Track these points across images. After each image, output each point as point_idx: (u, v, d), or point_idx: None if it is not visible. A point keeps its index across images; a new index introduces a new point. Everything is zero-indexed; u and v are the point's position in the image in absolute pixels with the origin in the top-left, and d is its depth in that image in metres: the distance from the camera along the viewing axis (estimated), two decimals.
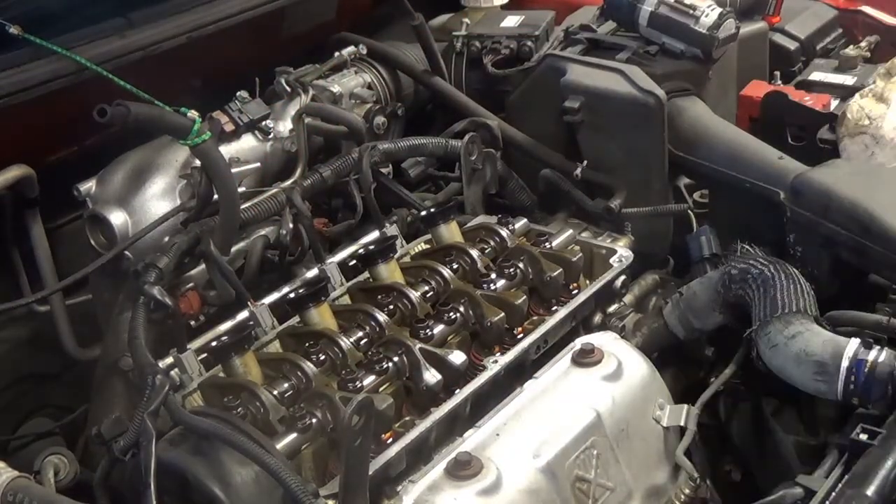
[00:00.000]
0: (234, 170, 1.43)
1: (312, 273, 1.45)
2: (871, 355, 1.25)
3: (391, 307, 1.36)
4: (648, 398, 1.31)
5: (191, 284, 1.39)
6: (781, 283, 1.36)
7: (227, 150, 1.53)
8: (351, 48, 1.83)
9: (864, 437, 1.20)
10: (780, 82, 1.90)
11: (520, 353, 1.33)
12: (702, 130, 1.70)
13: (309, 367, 1.23)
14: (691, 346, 1.55)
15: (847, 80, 1.85)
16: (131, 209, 1.43)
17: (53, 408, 1.55)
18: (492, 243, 1.49)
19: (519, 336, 1.38)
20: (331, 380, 1.24)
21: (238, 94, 1.59)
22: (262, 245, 1.46)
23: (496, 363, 1.30)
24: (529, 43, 1.91)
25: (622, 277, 1.51)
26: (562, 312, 1.41)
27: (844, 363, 1.26)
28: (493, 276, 1.42)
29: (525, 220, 1.58)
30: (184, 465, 1.07)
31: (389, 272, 1.41)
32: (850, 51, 1.94)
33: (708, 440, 1.46)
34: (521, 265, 1.44)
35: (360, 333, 1.31)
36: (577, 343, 1.33)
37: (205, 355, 1.28)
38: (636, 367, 1.32)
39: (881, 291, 1.48)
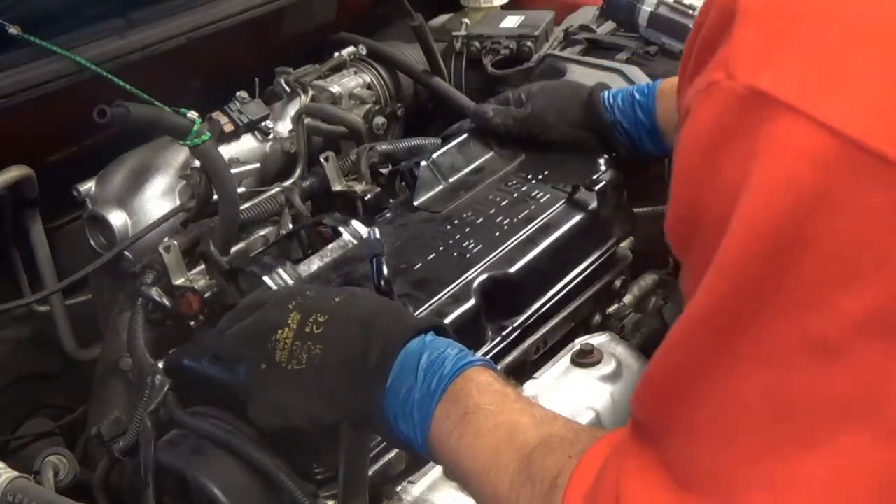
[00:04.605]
0: (233, 170, 1.43)
1: None
2: None
3: None
4: None
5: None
6: None
7: (227, 150, 1.53)
8: (351, 48, 1.83)
9: None
10: None
11: (520, 354, 1.33)
12: None
13: None
14: None
15: None
16: (131, 209, 1.43)
17: (53, 408, 1.54)
18: None
19: None
20: None
21: (238, 94, 1.59)
22: (262, 245, 1.46)
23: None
24: (529, 43, 1.91)
25: (622, 277, 1.52)
26: (562, 313, 1.41)
27: None
28: None
29: None
30: (183, 465, 1.07)
31: None
32: None
33: None
34: None
35: None
36: (577, 343, 1.33)
37: None
38: (636, 367, 1.32)
39: None
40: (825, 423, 0.64)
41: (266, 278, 1.24)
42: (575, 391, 1.27)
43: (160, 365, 1.19)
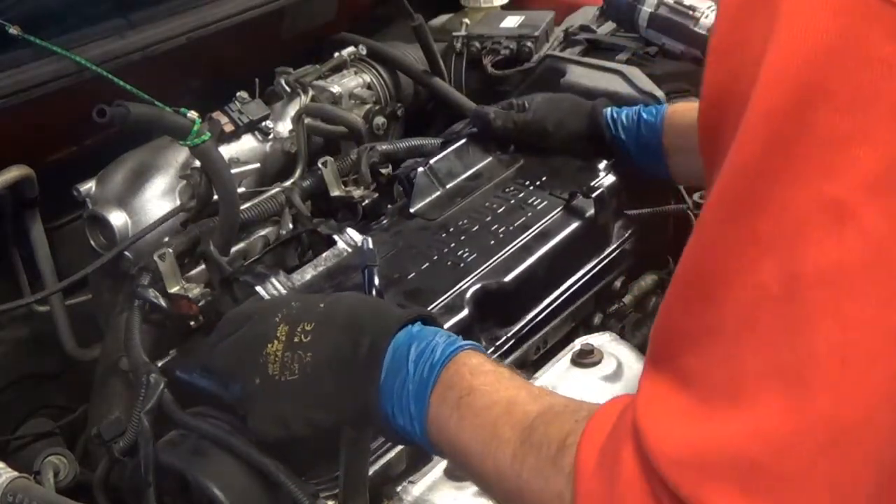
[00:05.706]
0: (233, 170, 1.43)
1: None
2: None
3: None
4: None
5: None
6: None
7: (227, 150, 1.53)
8: (351, 48, 1.83)
9: None
10: None
11: (520, 354, 1.33)
12: None
13: None
14: None
15: None
16: (131, 210, 1.43)
17: (53, 408, 1.54)
18: None
19: None
20: None
21: (238, 94, 1.59)
22: (262, 245, 1.46)
23: None
24: (529, 43, 1.91)
25: (622, 277, 1.52)
26: (561, 314, 1.41)
27: None
28: None
29: None
30: (183, 465, 1.07)
31: None
32: None
33: None
34: None
35: None
36: (577, 343, 1.33)
37: None
38: (636, 367, 1.31)
39: None
40: (831, 294, 0.63)
41: (259, 288, 1.24)
42: (575, 391, 1.26)
43: (158, 365, 1.19)
